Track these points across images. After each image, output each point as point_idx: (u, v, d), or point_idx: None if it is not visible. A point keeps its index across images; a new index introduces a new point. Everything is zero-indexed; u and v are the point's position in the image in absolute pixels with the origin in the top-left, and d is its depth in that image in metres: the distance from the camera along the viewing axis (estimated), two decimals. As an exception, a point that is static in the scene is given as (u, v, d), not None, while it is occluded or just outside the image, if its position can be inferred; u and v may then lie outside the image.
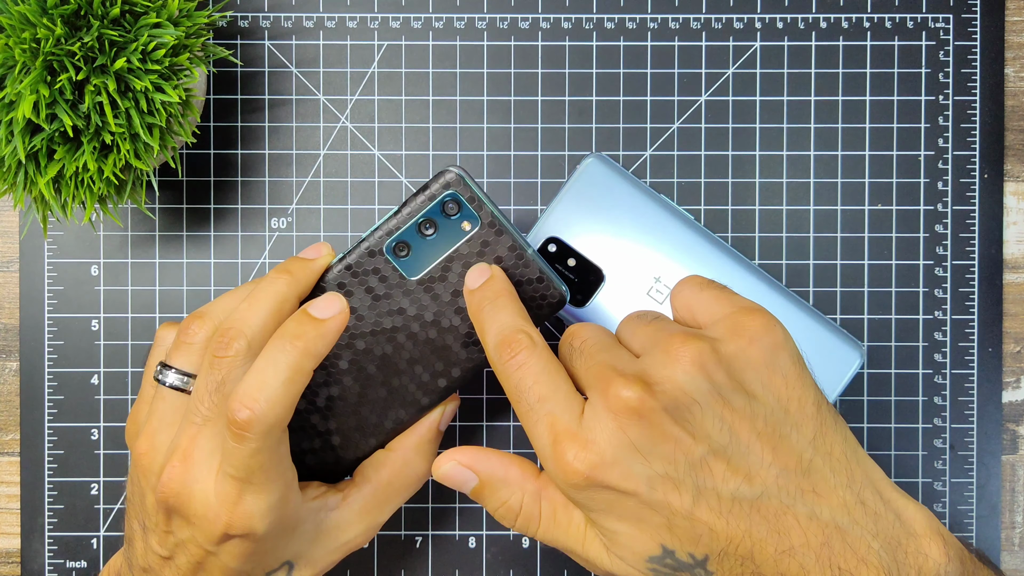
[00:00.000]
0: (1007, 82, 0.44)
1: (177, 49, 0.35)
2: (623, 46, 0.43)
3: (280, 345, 0.31)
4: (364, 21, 0.43)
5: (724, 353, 0.29)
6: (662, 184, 0.43)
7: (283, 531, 0.32)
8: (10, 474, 0.44)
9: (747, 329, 0.30)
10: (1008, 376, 0.44)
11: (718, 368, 0.29)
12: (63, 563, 0.43)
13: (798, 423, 0.29)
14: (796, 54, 0.43)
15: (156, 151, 0.35)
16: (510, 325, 0.32)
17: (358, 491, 0.35)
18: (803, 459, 0.29)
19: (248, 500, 0.31)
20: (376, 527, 0.35)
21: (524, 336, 0.31)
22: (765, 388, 0.29)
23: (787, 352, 0.30)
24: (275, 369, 0.30)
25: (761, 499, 0.28)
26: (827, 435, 0.30)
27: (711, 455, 0.29)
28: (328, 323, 0.32)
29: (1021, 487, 0.44)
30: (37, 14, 0.33)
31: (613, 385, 0.29)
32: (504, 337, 0.32)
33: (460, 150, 0.43)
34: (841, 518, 0.28)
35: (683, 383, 0.29)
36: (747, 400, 0.29)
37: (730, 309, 0.31)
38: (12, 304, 0.43)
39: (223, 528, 0.31)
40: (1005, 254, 0.44)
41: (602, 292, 0.41)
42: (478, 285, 0.33)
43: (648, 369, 0.30)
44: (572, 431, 0.29)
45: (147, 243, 0.43)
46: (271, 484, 0.31)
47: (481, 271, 0.34)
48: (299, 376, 0.31)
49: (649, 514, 0.29)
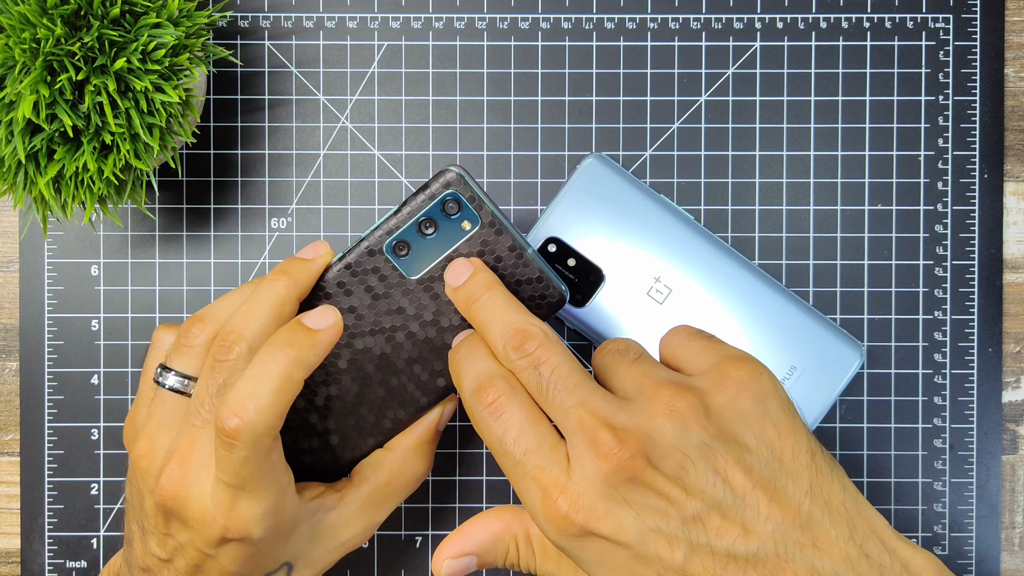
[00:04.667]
0: (1007, 82, 0.44)
1: (177, 49, 0.35)
2: (623, 46, 0.43)
3: (271, 353, 0.31)
4: (364, 21, 0.43)
5: (714, 404, 0.29)
6: (662, 184, 0.43)
7: (280, 534, 0.32)
8: (10, 474, 0.44)
9: (735, 378, 0.29)
10: (1008, 376, 0.44)
11: (709, 421, 0.28)
12: (63, 563, 0.43)
13: (793, 473, 0.28)
14: (796, 54, 0.43)
15: (156, 151, 0.35)
16: (486, 371, 0.31)
17: (356, 491, 0.35)
18: (801, 511, 0.28)
19: (243, 505, 0.31)
20: (374, 526, 0.35)
21: (500, 380, 0.30)
22: (758, 439, 0.29)
23: (776, 400, 0.29)
24: (265, 378, 0.30)
25: (758, 555, 0.27)
26: (824, 484, 0.29)
27: (705, 510, 0.28)
28: (321, 334, 0.32)
29: (1021, 487, 0.44)
30: (37, 14, 0.33)
31: (601, 437, 0.28)
32: (480, 384, 0.30)
33: (460, 150, 0.43)
34: (844, 572, 0.27)
35: (674, 438, 0.28)
36: (740, 452, 0.28)
37: (716, 359, 0.30)
38: (12, 304, 0.43)
39: (220, 532, 0.31)
40: (1005, 254, 0.44)
41: (602, 292, 0.41)
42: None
43: (636, 420, 0.28)
44: (562, 484, 0.28)
45: (147, 243, 0.43)
46: (265, 490, 0.31)
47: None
48: (289, 385, 0.31)
49: (641, 568, 0.28)
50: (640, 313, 0.41)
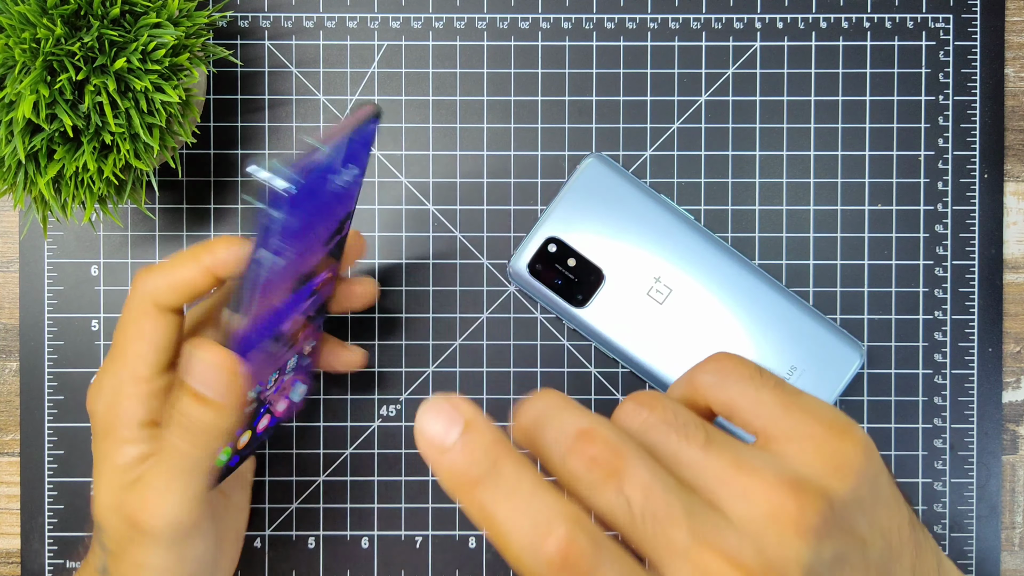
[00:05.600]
0: (1007, 82, 0.44)
1: (177, 49, 0.35)
2: (623, 46, 0.43)
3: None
4: (364, 21, 0.43)
5: (836, 501, 0.23)
6: (662, 184, 0.43)
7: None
8: (10, 474, 0.44)
9: (851, 462, 0.23)
10: (1008, 376, 0.44)
11: (836, 527, 0.23)
12: (63, 563, 0.43)
13: (899, 554, 0.25)
14: (796, 54, 0.43)
15: (156, 151, 0.35)
16: (553, 516, 0.21)
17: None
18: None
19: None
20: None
21: (581, 535, 0.21)
22: (872, 527, 0.24)
23: (886, 477, 0.25)
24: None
25: None
26: (924, 557, 0.25)
27: None
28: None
29: (1021, 487, 0.44)
30: (37, 14, 0.33)
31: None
32: (550, 546, 0.21)
33: (460, 150, 0.43)
34: None
35: (813, 562, 0.22)
36: (861, 550, 0.23)
37: (816, 428, 0.24)
38: (12, 304, 0.43)
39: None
40: (1005, 254, 0.44)
41: (602, 292, 0.41)
42: (452, 441, 0.22)
43: (768, 553, 0.22)
44: None
45: (147, 243, 0.43)
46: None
47: (448, 416, 0.22)
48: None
49: None
50: (640, 313, 0.41)
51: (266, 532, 0.43)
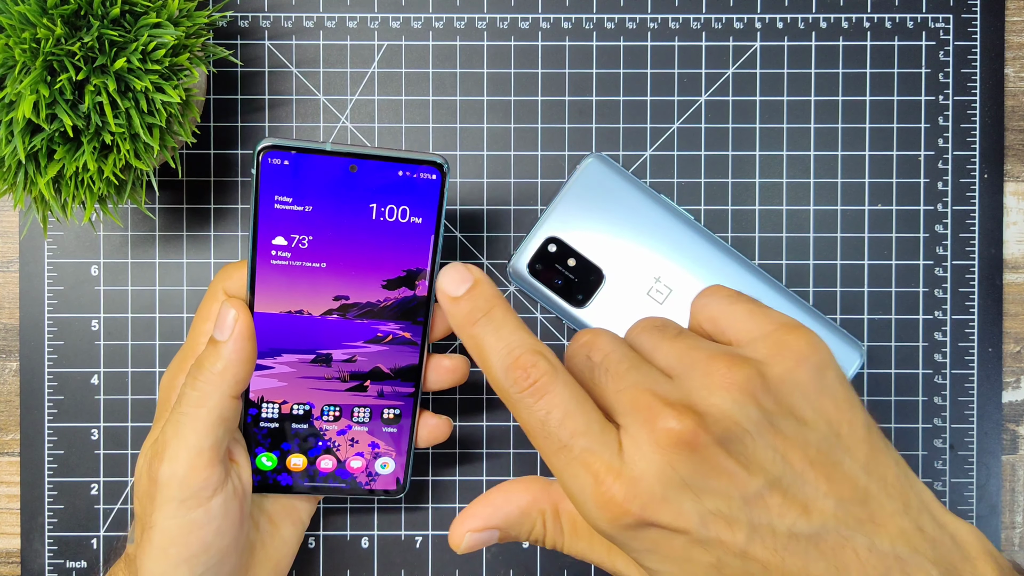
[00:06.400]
0: (1007, 82, 0.44)
1: (177, 49, 0.35)
2: (623, 46, 0.43)
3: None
4: (364, 21, 0.43)
5: (772, 376, 0.27)
6: (662, 184, 0.43)
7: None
8: (10, 474, 0.44)
9: (792, 349, 0.28)
10: (1008, 376, 0.44)
11: (767, 393, 0.27)
12: (63, 563, 0.43)
13: (850, 448, 0.27)
14: (796, 54, 0.43)
15: (156, 151, 0.35)
16: (519, 344, 0.29)
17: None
18: (858, 487, 0.27)
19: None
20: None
21: (541, 359, 0.28)
22: (815, 412, 0.27)
23: (833, 372, 0.28)
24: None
25: (819, 533, 0.26)
26: (880, 459, 0.27)
27: (766, 488, 0.26)
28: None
29: (1021, 487, 0.44)
30: (37, 14, 0.33)
31: (660, 416, 0.26)
32: (516, 359, 0.28)
33: (460, 150, 0.43)
34: (900, 548, 0.26)
35: (734, 412, 0.26)
36: (798, 426, 0.27)
37: (770, 327, 0.28)
38: (12, 304, 0.43)
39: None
40: (1005, 254, 0.44)
41: (602, 292, 0.41)
42: (461, 292, 0.31)
43: (692, 395, 0.27)
44: (616, 468, 0.27)
45: (147, 243, 0.43)
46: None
47: (461, 275, 0.31)
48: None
49: (699, 553, 0.27)
50: (641, 313, 0.41)
51: (266, 532, 0.43)
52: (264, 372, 0.35)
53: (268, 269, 0.33)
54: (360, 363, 0.36)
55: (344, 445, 0.37)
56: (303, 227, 0.33)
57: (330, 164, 0.32)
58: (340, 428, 0.37)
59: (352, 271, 0.34)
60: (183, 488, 0.32)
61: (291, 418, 0.36)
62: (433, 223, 0.33)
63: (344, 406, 0.37)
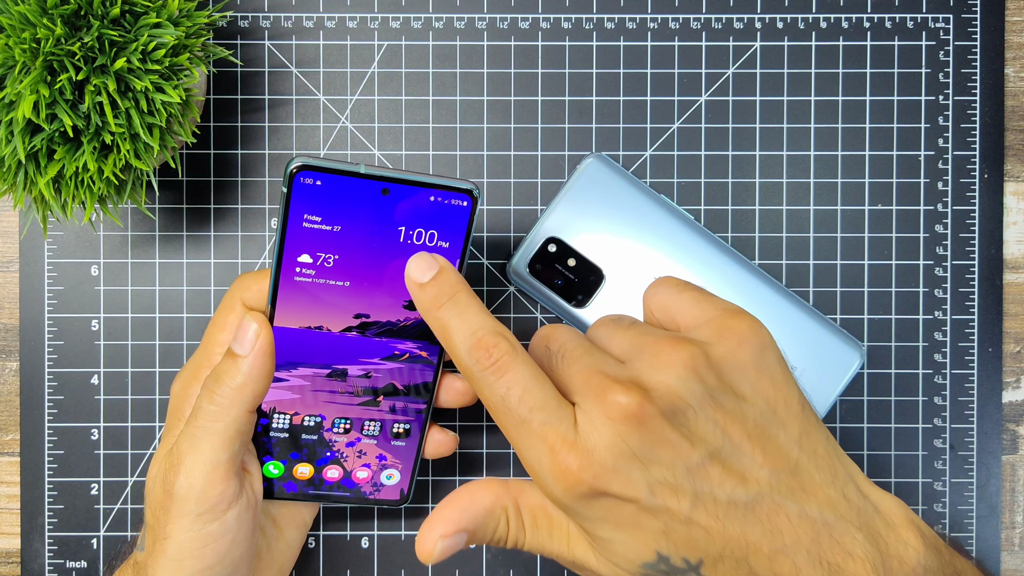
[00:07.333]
0: (1007, 82, 0.44)
1: (177, 49, 0.35)
2: (623, 46, 0.43)
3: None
4: (364, 21, 0.43)
5: (714, 356, 0.30)
6: (662, 184, 0.43)
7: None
8: (10, 474, 0.44)
9: (735, 331, 0.30)
10: (1008, 376, 0.44)
11: (709, 371, 0.29)
12: (63, 563, 0.43)
13: (785, 423, 0.30)
14: (796, 54, 0.43)
15: (156, 151, 0.35)
16: (482, 326, 0.31)
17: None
18: (791, 458, 0.29)
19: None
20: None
21: (502, 340, 0.30)
22: (754, 389, 0.30)
23: (773, 353, 0.31)
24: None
25: (755, 500, 0.29)
26: (811, 434, 0.30)
27: (708, 459, 0.29)
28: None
29: (1021, 487, 0.44)
30: (37, 14, 0.33)
31: (610, 392, 0.29)
32: (479, 340, 0.30)
33: (460, 150, 0.43)
34: (828, 514, 0.29)
35: (678, 387, 0.29)
36: (737, 402, 0.30)
37: (714, 312, 0.31)
38: (12, 304, 0.43)
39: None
40: (1005, 254, 0.44)
41: (602, 292, 0.41)
42: (428, 279, 0.32)
43: (641, 374, 0.29)
44: (571, 440, 0.29)
45: (147, 243, 0.43)
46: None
47: (427, 263, 0.32)
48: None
49: (647, 520, 0.29)
50: (640, 313, 0.41)
51: (266, 532, 0.43)
52: (279, 384, 0.35)
53: (291, 285, 0.33)
54: (375, 379, 0.36)
55: (352, 456, 0.37)
56: (330, 246, 0.33)
57: (362, 186, 0.32)
58: (349, 440, 0.37)
59: (375, 291, 0.34)
60: (200, 502, 0.32)
61: (302, 429, 0.36)
62: (460, 248, 0.33)
63: (355, 419, 0.37)
